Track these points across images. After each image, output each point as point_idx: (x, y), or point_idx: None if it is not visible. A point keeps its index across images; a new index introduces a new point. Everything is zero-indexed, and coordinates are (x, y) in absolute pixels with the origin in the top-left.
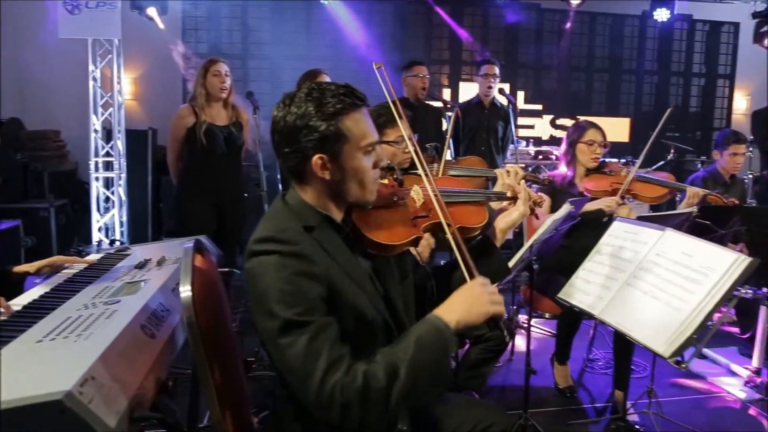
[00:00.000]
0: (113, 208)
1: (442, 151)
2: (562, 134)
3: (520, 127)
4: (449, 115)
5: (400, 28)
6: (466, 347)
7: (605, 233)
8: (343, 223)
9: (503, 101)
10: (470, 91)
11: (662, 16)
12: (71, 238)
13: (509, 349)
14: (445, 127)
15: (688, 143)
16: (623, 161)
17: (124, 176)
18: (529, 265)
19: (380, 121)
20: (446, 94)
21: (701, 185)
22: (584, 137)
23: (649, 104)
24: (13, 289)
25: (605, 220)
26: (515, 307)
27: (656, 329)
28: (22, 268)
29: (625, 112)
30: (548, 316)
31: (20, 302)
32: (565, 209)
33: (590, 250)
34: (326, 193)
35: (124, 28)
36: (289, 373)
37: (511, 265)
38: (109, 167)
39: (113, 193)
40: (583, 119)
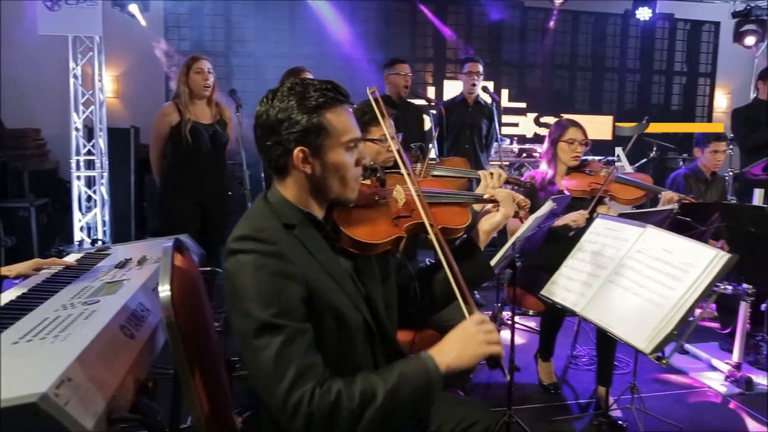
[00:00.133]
0: (95, 207)
1: (426, 150)
2: (545, 132)
3: (504, 125)
4: (433, 113)
5: (384, 25)
6: None
7: (587, 230)
8: (324, 221)
9: (487, 99)
10: (454, 89)
11: (644, 15)
12: (52, 237)
13: None
14: (428, 125)
15: (669, 141)
16: (605, 160)
17: (106, 175)
18: (512, 262)
19: (365, 119)
20: (430, 92)
21: (683, 183)
22: (565, 136)
23: (631, 102)
24: None
25: (571, 234)
26: (499, 304)
27: (637, 325)
28: None
29: (608, 110)
30: (532, 312)
31: None
32: (547, 206)
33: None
34: (307, 188)
35: (105, 25)
36: (258, 374)
37: (493, 263)
38: (90, 166)
39: (95, 192)
40: (565, 117)
